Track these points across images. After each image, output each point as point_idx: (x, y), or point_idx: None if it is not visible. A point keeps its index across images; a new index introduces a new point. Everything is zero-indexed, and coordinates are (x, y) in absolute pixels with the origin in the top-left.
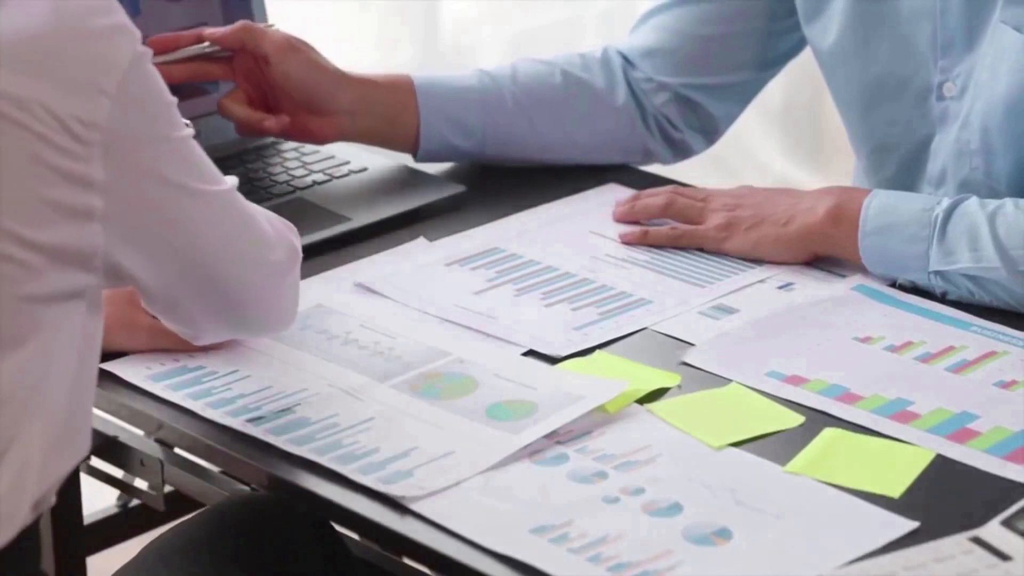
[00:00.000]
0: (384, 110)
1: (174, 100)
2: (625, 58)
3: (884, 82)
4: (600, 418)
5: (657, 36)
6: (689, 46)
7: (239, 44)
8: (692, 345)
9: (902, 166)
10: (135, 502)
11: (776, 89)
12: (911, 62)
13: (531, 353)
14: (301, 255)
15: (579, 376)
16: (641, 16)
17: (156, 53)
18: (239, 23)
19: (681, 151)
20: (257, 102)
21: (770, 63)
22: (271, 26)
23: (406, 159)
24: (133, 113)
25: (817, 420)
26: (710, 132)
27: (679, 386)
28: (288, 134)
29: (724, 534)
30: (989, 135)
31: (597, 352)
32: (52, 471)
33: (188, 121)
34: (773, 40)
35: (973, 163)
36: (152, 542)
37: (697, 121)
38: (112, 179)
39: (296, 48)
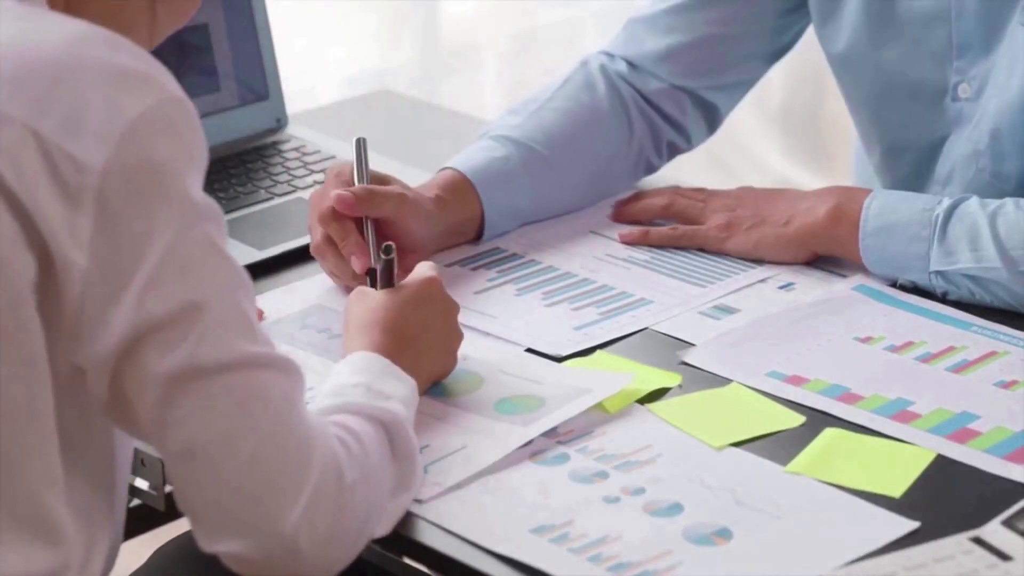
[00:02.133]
0: (457, 225)
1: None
2: (632, 65)
3: (898, 84)
4: (601, 418)
5: (675, 39)
6: (707, 47)
7: (365, 213)
8: (692, 345)
9: (916, 166)
10: (136, 502)
11: (776, 89)
12: (925, 64)
13: (532, 353)
14: (348, 478)
15: (584, 370)
16: (643, 19)
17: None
18: (362, 189)
19: (681, 153)
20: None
21: (778, 54)
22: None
23: (406, 160)
24: (130, 175)
25: (817, 420)
26: (715, 126)
27: (680, 386)
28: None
29: (724, 534)
30: (999, 136)
31: (598, 352)
32: None
33: None
34: (780, 32)
35: (980, 163)
36: (164, 546)
37: (705, 120)
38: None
39: (415, 205)
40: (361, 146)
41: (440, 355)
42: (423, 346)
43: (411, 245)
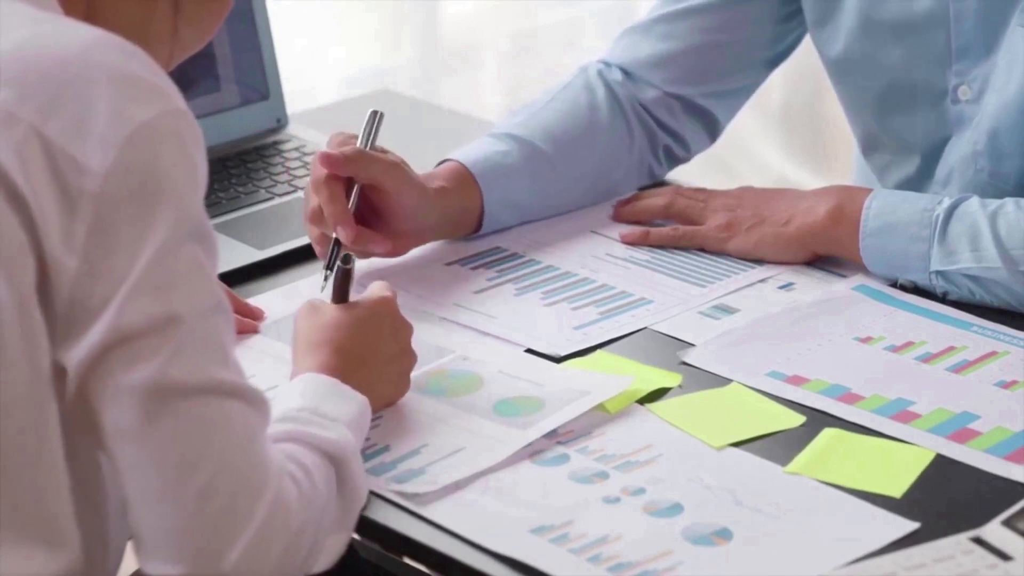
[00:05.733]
0: (456, 215)
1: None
2: (627, 73)
3: (897, 88)
4: (601, 418)
5: (669, 46)
6: (701, 55)
7: (352, 173)
8: (692, 345)
9: (916, 169)
10: None
11: (776, 89)
12: (924, 67)
13: (531, 353)
14: (296, 520)
15: (584, 372)
16: (638, 27)
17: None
18: (352, 150)
19: (680, 161)
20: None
21: (775, 61)
22: (384, 151)
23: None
24: (130, 181)
25: (817, 420)
26: (715, 134)
27: (680, 386)
28: (384, 254)
29: (724, 534)
30: (998, 137)
31: (598, 352)
32: None
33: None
34: (777, 40)
35: (979, 164)
36: None
37: (703, 128)
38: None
39: (407, 176)
40: (375, 118)
41: (392, 377)
42: (374, 368)
43: (403, 224)
